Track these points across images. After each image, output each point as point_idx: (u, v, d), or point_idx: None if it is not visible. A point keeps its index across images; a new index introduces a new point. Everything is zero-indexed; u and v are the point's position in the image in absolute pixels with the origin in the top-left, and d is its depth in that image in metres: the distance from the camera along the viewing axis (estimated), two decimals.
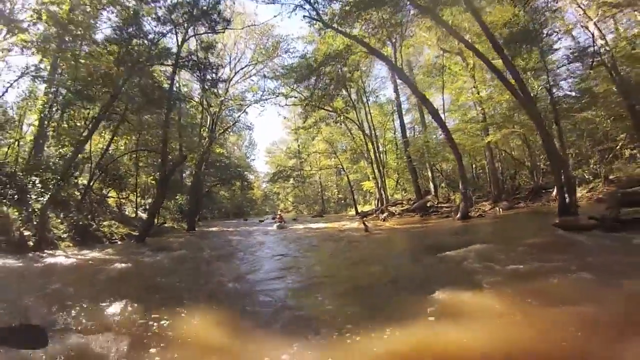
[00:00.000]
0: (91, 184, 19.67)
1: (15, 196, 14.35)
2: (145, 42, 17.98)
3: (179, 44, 19.57)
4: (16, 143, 18.69)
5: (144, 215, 26.52)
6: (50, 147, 20.39)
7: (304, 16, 18.84)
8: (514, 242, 8.26)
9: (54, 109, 18.81)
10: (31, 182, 15.25)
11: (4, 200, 13.86)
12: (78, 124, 19.96)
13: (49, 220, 14.35)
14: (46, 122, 18.96)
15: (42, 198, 14.22)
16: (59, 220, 15.56)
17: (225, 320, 4.39)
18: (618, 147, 18.41)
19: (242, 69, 31.59)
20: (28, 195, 14.70)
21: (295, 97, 29.26)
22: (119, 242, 16.93)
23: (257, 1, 21.83)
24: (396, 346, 3.28)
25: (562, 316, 3.62)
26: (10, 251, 11.72)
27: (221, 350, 3.51)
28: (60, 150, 19.54)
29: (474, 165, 32.46)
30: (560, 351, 2.97)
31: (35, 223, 13.67)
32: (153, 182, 28.36)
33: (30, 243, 12.90)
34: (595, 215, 9.23)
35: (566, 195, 12.97)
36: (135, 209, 26.77)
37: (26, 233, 13.17)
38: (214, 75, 20.95)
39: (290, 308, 5.02)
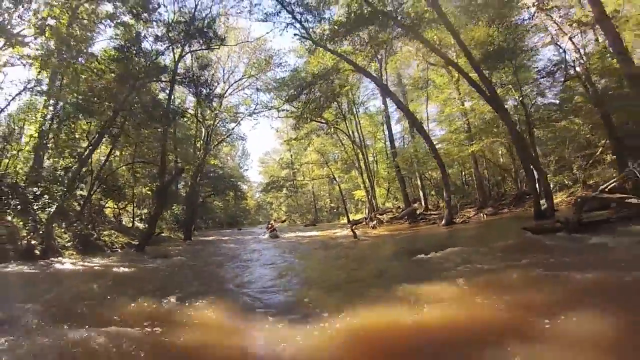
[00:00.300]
0: (91, 194, 20.38)
1: (18, 206, 15.03)
2: (143, 60, 18.78)
3: (176, 60, 20.44)
4: (17, 154, 19.33)
5: (141, 225, 27.29)
6: (51, 159, 21.06)
7: (295, 34, 19.98)
8: (484, 245, 9.19)
9: (53, 122, 19.46)
10: (35, 193, 15.95)
11: (8, 211, 14.58)
12: (77, 136, 20.71)
13: (53, 229, 15.06)
14: (45, 134, 19.47)
15: (49, 209, 14.88)
16: (62, 230, 16.31)
17: (227, 308, 5.31)
18: (598, 153, 19.28)
19: (235, 82, 32.46)
20: (29, 206, 15.41)
21: (287, 110, 30.06)
22: (120, 251, 17.59)
23: (250, 19, 22.84)
24: (367, 321, 4.22)
25: (504, 299, 4.50)
26: (18, 259, 12.44)
27: (225, 329, 4.41)
28: (61, 161, 20.23)
29: (463, 173, 33.40)
30: (492, 322, 3.86)
31: (41, 232, 14.42)
32: (149, 192, 29.10)
33: (37, 251, 13.62)
34: (560, 219, 10.15)
35: (543, 200, 13.94)
36: (132, 219, 27.51)
37: (32, 242, 13.93)
38: (209, 90, 21.87)
39: (282, 298, 6.08)
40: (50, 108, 19.24)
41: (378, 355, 3.42)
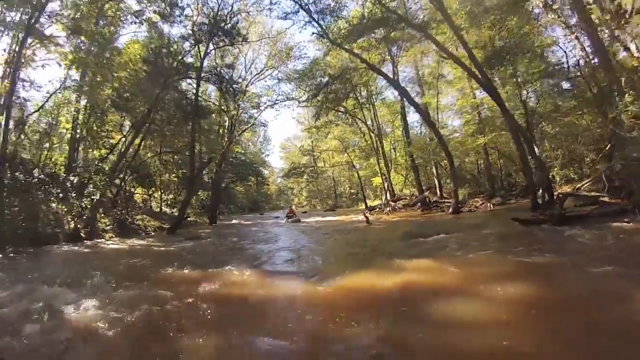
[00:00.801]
0: (124, 182, 22.21)
1: (60, 194, 16.78)
2: (172, 59, 20.29)
3: (201, 57, 21.91)
4: (53, 146, 21.03)
5: (167, 210, 29.23)
6: (86, 150, 22.85)
7: (313, 33, 21.32)
8: (474, 233, 10.52)
9: (88, 116, 20.97)
10: (73, 182, 17.67)
11: (52, 198, 16.32)
12: (110, 129, 22.43)
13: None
14: (79, 127, 20.95)
15: (94, 196, 16.61)
16: (101, 215, 18.11)
17: (256, 273, 6.97)
18: (607, 148, 19.91)
19: (257, 73, 33.75)
20: (69, 194, 17.17)
21: (307, 101, 31.20)
22: (153, 234, 19.40)
23: (270, 17, 24.12)
24: (358, 282, 5.86)
25: (465, 272, 5.91)
26: (68, 240, 14.27)
27: (255, 284, 6.02)
28: (95, 152, 22.02)
29: (479, 162, 34.15)
30: (447, 285, 5.28)
31: (84, 217, 16.22)
32: (175, 179, 30.93)
33: (82, 234, 15.45)
34: (546, 212, 11.36)
35: (540, 192, 15.07)
36: (160, 204, 29.47)
37: (78, 226, 15.69)
38: (233, 86, 23.38)
39: (297, 267, 7.87)
40: (82, 102, 20.52)
41: (361, 301, 4.90)
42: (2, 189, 13.10)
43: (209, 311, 4.50)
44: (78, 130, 20.61)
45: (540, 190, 15.33)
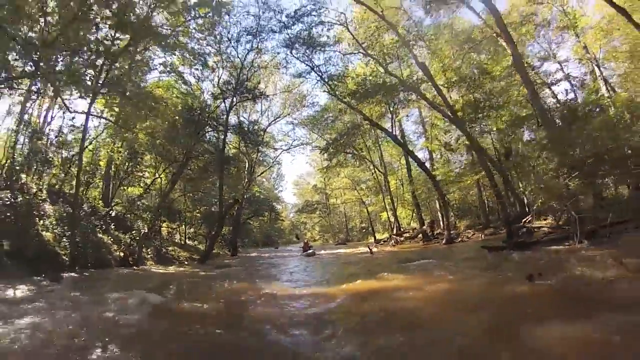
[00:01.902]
0: (158, 217, 25.42)
1: (103, 226, 19.60)
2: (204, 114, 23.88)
3: (227, 111, 25.56)
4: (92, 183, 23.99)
5: (190, 242, 32.35)
6: (119, 186, 26.00)
7: (324, 90, 24.97)
8: (452, 258, 13.52)
9: (129, 158, 24.14)
10: (117, 216, 20.78)
11: (98, 230, 19.25)
12: (145, 169, 25.93)
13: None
14: (114, 168, 24.09)
15: (142, 229, 19.78)
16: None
17: (280, 286, 10.02)
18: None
19: (274, 119, 37.46)
20: (109, 226, 19.83)
21: (319, 147, 34.61)
22: (186, 263, 22.40)
23: (286, 74, 27.94)
24: (356, 286, 8.90)
25: (426, 280, 8.90)
26: (119, 265, 17.21)
27: (281, 291, 9.05)
28: (132, 189, 25.44)
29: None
30: (412, 287, 8.26)
31: (130, 247, 19.30)
32: (197, 214, 34.17)
33: (130, 261, 18.46)
34: (505, 240, 14.24)
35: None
36: (184, 237, 32.60)
37: (127, 253, 18.74)
38: (256, 138, 27.10)
39: (311, 281, 10.81)
40: (125, 149, 23.71)
41: (360, 296, 7.87)
42: (74, 222, 16.13)
43: (263, 299, 7.60)
44: (112, 169, 23.89)
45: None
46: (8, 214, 13.68)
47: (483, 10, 19.77)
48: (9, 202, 14.21)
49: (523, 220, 14.99)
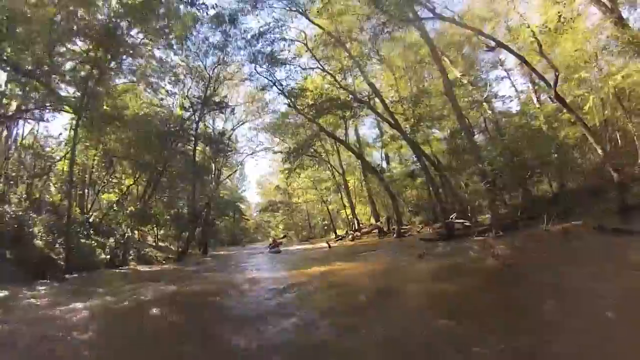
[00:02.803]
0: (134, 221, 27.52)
1: (84, 232, 21.38)
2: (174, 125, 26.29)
3: (196, 122, 28.05)
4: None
5: (161, 244, 34.37)
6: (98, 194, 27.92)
7: (285, 103, 28.01)
8: (392, 249, 16.56)
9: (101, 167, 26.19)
10: (95, 222, 22.83)
11: (80, 235, 21.16)
12: (120, 178, 28.02)
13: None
14: (89, 175, 25.95)
15: (127, 233, 21.99)
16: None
17: (256, 273, 12.76)
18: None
19: (238, 125, 39.97)
20: (89, 231, 21.78)
21: (281, 152, 37.48)
22: (164, 262, 24.59)
23: (250, 86, 30.62)
24: (314, 270, 11.72)
25: (367, 262, 11.84)
26: (105, 267, 19.22)
27: (257, 275, 11.80)
28: (108, 196, 27.51)
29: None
30: (357, 267, 11.18)
31: (116, 249, 21.43)
32: (167, 217, 36.17)
33: (116, 262, 20.56)
34: (441, 233, 17.45)
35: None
36: (155, 239, 34.53)
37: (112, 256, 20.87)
38: (224, 147, 29.74)
39: (275, 269, 13.66)
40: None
41: (312, 275, 10.72)
42: (67, 228, 18.15)
43: (242, 282, 10.34)
44: (86, 177, 25.76)
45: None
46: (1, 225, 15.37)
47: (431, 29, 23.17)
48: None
49: (450, 216, 18.06)
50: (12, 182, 20.16)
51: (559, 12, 15.38)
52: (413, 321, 5.56)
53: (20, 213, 17.10)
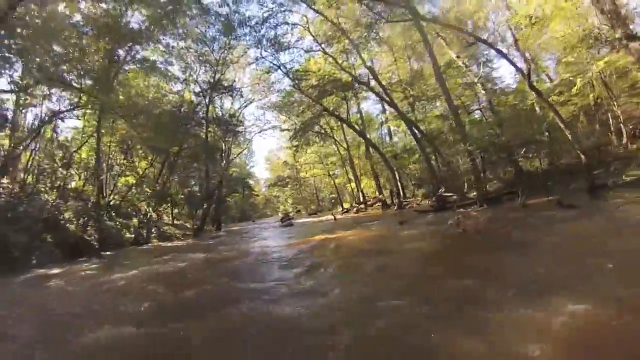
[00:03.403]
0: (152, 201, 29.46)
1: (108, 214, 23.50)
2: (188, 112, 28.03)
3: (207, 106, 29.74)
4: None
5: (178, 222, 36.41)
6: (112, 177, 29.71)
7: (289, 85, 29.57)
8: (390, 220, 18.30)
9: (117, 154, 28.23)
10: (115, 204, 24.84)
11: (104, 218, 23.15)
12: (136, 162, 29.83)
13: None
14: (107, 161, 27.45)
15: (150, 213, 23.94)
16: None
17: (267, 242, 14.69)
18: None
19: (245, 104, 41.48)
20: (112, 213, 23.92)
21: (288, 129, 39.14)
22: (182, 238, 26.62)
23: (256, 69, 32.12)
24: (321, 237, 13.66)
25: (364, 229, 13.70)
26: (132, 245, 21.27)
27: (266, 245, 13.71)
28: (126, 179, 29.41)
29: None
30: (355, 233, 13.03)
31: (139, 229, 23.42)
32: (182, 196, 38.14)
33: (140, 240, 22.54)
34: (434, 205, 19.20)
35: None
36: (171, 217, 36.53)
37: (137, 235, 22.88)
38: (234, 128, 31.52)
39: (287, 238, 15.65)
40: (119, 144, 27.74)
41: (317, 242, 12.58)
42: (99, 213, 20.16)
43: (258, 249, 12.30)
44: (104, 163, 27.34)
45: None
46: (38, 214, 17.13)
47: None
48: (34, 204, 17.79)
49: (439, 190, 19.73)
50: (45, 174, 21.82)
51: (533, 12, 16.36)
52: (391, 261, 7.73)
53: (57, 201, 19.17)
